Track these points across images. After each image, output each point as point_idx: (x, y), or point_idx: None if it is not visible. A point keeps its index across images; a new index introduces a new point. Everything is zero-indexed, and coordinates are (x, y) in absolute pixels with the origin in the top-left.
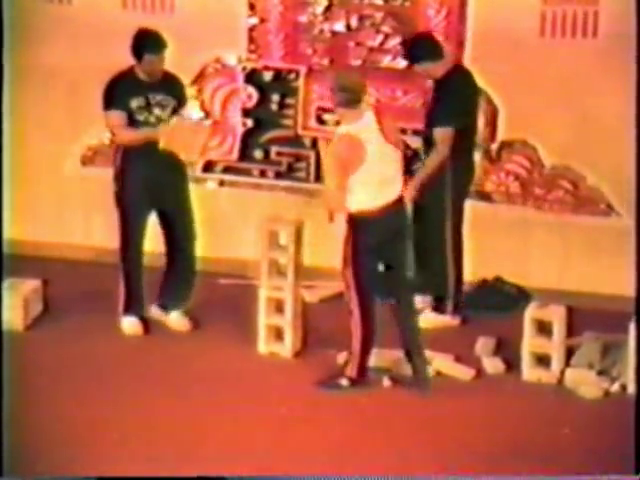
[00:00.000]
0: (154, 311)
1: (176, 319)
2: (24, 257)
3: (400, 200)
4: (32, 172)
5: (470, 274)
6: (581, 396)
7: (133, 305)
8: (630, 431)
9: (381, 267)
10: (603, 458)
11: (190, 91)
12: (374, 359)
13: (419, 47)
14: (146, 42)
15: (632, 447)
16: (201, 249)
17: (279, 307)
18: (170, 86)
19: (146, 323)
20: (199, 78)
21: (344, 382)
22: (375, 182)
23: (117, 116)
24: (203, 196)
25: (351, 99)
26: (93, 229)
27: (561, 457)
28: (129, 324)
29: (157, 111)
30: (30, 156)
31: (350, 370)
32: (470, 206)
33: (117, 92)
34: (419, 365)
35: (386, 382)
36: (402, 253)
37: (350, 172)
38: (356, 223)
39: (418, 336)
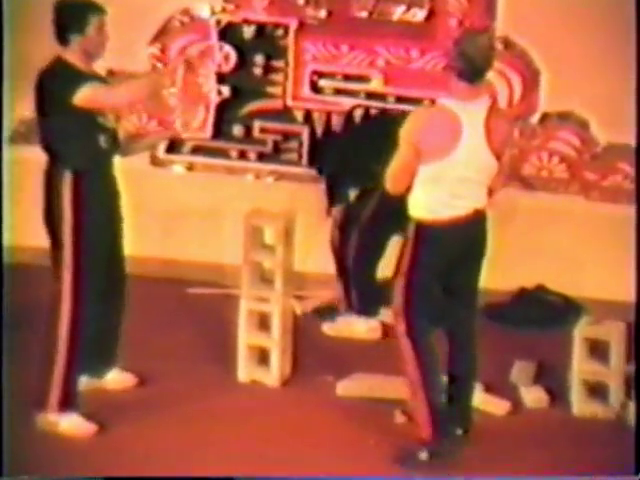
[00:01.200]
0: (86, 382)
1: (116, 378)
2: None
3: (477, 214)
4: None
5: (505, 281)
6: None
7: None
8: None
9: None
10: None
11: (150, 51)
12: (381, 389)
13: None
14: (76, 15)
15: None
16: (165, 250)
17: (264, 323)
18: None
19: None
20: (161, 34)
21: (423, 456)
22: (453, 185)
23: (90, 85)
24: (167, 183)
25: (474, 72)
26: (30, 226)
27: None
28: (71, 424)
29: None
30: None
31: (425, 431)
32: (504, 195)
33: (64, 78)
34: (463, 416)
35: (399, 418)
36: (469, 277)
37: (428, 158)
38: (420, 234)
39: (473, 377)
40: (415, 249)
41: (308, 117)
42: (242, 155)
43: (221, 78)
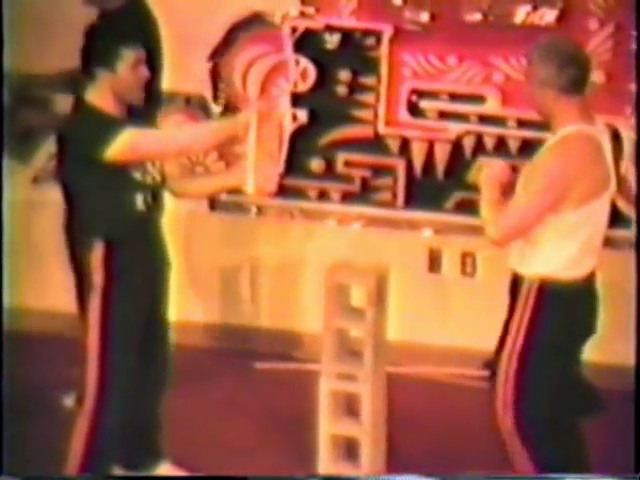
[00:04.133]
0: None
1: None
2: None
3: (593, 274)
4: None
5: None
6: None
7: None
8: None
9: None
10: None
11: (210, 66)
12: None
13: None
14: (105, 45)
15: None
16: (227, 315)
17: (351, 407)
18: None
19: None
20: (223, 46)
21: None
22: (590, 235)
23: (129, 132)
24: (230, 232)
25: (580, 79)
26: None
27: None
28: None
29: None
30: None
31: None
32: None
33: (92, 127)
34: None
35: None
36: (574, 356)
37: (576, 203)
38: (544, 296)
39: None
40: (538, 314)
41: (405, 147)
42: (323, 195)
43: (297, 99)
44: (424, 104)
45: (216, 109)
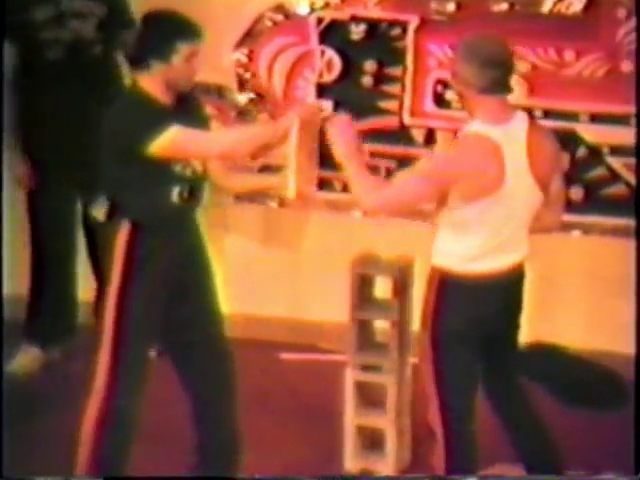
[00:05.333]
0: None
1: None
2: None
3: (517, 268)
4: None
5: None
6: None
7: None
8: (629, 431)
9: None
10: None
11: (236, 57)
12: None
13: None
14: (162, 38)
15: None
16: (250, 306)
17: (376, 397)
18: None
19: None
20: (249, 37)
21: None
22: (495, 230)
23: (174, 130)
24: (254, 223)
25: (500, 80)
26: None
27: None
28: None
29: None
30: None
31: None
32: None
33: (141, 119)
34: None
35: None
36: (506, 341)
37: (468, 198)
38: (445, 288)
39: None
40: (439, 305)
41: (430, 138)
42: (347, 186)
43: (322, 90)
44: (450, 95)
45: (242, 100)
